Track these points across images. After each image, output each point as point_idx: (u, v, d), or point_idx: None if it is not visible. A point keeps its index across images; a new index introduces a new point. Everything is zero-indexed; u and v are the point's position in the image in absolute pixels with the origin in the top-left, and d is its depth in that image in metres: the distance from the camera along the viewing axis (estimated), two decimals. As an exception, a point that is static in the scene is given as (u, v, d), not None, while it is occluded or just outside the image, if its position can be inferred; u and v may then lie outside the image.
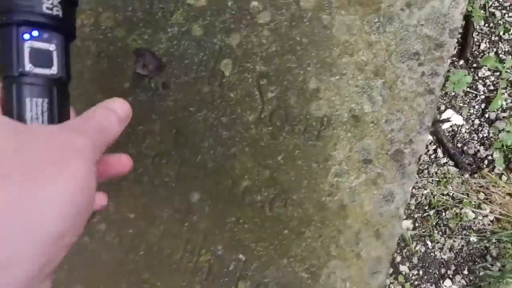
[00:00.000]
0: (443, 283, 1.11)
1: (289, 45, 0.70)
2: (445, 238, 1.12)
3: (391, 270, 1.11)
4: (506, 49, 1.13)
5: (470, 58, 1.13)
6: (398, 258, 1.11)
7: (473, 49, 1.14)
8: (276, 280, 0.64)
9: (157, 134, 0.71)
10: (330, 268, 0.63)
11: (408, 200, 0.73)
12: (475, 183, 1.11)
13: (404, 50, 0.66)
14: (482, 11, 1.14)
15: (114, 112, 0.35)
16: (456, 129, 1.14)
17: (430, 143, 1.16)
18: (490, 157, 1.12)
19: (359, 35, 0.68)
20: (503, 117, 1.12)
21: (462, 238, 1.11)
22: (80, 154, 0.29)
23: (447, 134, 1.13)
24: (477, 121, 1.13)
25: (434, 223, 1.12)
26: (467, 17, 1.09)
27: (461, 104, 1.14)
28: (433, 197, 1.12)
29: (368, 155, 0.65)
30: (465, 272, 1.11)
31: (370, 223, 0.64)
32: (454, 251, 1.11)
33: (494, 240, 1.10)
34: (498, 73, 1.13)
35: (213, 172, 0.68)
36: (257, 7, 0.71)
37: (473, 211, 1.11)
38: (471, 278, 1.10)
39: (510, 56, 1.12)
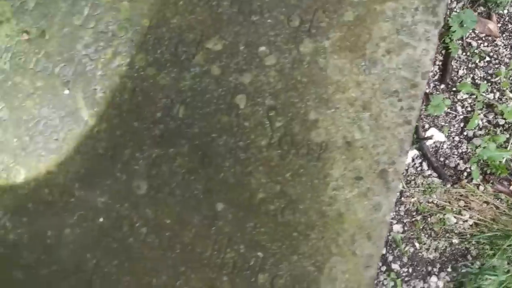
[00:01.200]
0: (430, 279, 1.26)
1: (292, 83, 0.86)
2: (430, 240, 1.28)
3: (385, 268, 1.27)
4: (481, 75, 1.29)
5: (449, 83, 1.29)
6: (390, 258, 1.27)
7: (452, 75, 1.31)
8: (289, 272, 0.80)
9: (186, 155, 0.87)
10: (331, 263, 0.79)
11: (393, 209, 0.88)
12: (456, 192, 1.27)
13: (386, 89, 0.82)
14: (459, 41, 1.30)
15: None
16: (438, 145, 1.30)
17: (416, 157, 1.31)
18: (468, 170, 1.28)
19: (349, 75, 0.84)
20: (480, 134, 1.28)
21: (445, 240, 1.26)
22: None
23: (431, 150, 1.30)
24: (457, 138, 1.29)
25: (421, 227, 1.28)
26: (446, 48, 1.26)
27: (442, 123, 1.30)
28: (420, 204, 1.28)
29: (359, 173, 0.81)
30: (449, 269, 1.27)
31: (363, 227, 0.79)
32: (439, 251, 1.27)
33: (473, 242, 1.25)
34: (474, 96, 1.29)
35: (234, 187, 0.84)
36: (264, 51, 0.87)
37: (454, 217, 1.27)
38: (454, 275, 1.26)
39: (485, 81, 1.29)
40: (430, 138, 1.28)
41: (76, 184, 0.89)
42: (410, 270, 1.27)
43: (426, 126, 1.31)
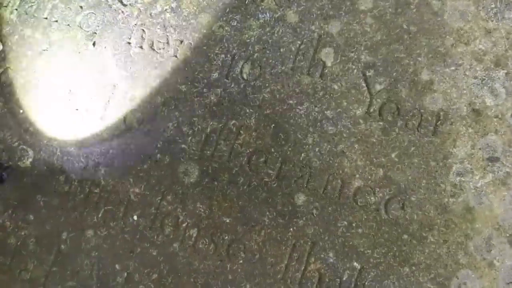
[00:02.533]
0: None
1: (396, 33, 0.65)
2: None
3: None
4: None
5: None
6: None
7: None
8: (399, 292, 0.57)
9: (253, 129, 0.65)
10: (459, 278, 0.57)
11: None
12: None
13: (529, 38, 0.61)
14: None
15: None
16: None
17: None
18: None
19: (474, 21, 0.63)
20: None
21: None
22: None
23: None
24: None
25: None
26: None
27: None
28: None
29: (494, 153, 0.59)
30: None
31: (503, 227, 0.57)
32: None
33: None
34: None
35: (320, 172, 0.62)
36: (357, -7, 0.66)
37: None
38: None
39: None
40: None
41: (102, 169, 0.67)
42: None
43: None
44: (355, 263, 0.60)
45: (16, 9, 0.73)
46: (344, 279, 0.60)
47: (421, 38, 0.65)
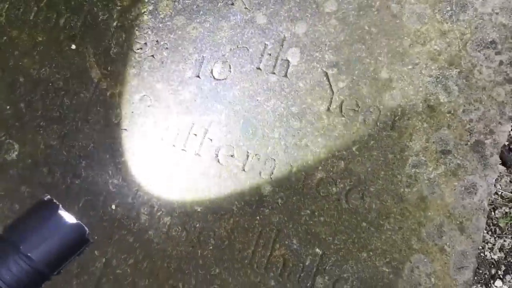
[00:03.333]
0: (493, 283, 1.07)
1: (358, 34, 0.69)
2: (495, 237, 1.10)
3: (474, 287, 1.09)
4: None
5: None
6: (447, 259, 1.08)
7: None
8: (356, 274, 0.61)
9: (223, 124, 0.69)
10: (413, 262, 0.61)
11: (492, 192, 0.71)
12: (524, 181, 1.09)
13: (480, 39, 0.65)
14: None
15: None
16: (502, 127, 1.12)
17: (477, 141, 1.14)
18: (538, 155, 1.10)
19: (430, 23, 0.67)
20: (549, 114, 1.10)
21: (512, 238, 1.08)
22: None
23: (493, 132, 1.12)
24: (523, 119, 1.12)
25: (483, 223, 1.09)
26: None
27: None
28: (481, 196, 1.09)
29: (446, 146, 0.63)
30: (517, 273, 1.08)
31: (453, 215, 0.62)
32: (505, 251, 1.08)
33: (545, 240, 1.07)
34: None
35: (285, 164, 0.66)
36: (323, -3, 0.71)
37: (523, 210, 1.08)
38: (523, 279, 1.07)
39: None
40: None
41: (83, 162, 0.72)
42: (471, 273, 1.08)
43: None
44: (317, 249, 0.64)
45: (5, 12, 0.78)
46: (306, 264, 0.64)
47: (381, 38, 0.69)
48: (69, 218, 0.39)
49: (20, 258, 0.37)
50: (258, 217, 0.65)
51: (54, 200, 0.39)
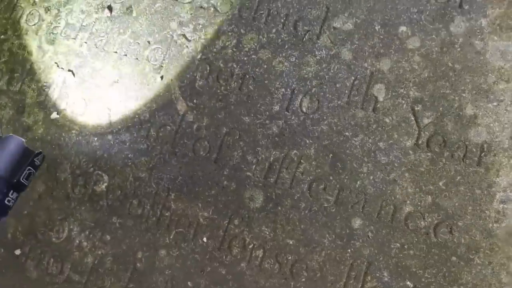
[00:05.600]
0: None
1: (442, 70, 0.71)
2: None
3: None
4: None
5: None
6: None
7: None
8: (449, 308, 0.64)
9: (313, 159, 0.71)
10: (503, 296, 0.63)
11: None
12: None
13: None
14: None
15: None
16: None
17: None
18: None
19: (514, 61, 0.69)
20: None
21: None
22: None
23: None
24: None
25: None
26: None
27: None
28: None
29: (533, 181, 0.66)
30: None
31: (542, 250, 0.64)
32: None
33: None
34: None
35: (374, 198, 0.68)
36: (405, 32, 0.72)
37: None
38: None
39: None
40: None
41: (172, 195, 0.73)
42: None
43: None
44: (408, 282, 0.66)
45: (86, 42, 0.79)
46: (398, 296, 0.66)
47: (465, 75, 0.70)
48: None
49: None
50: (349, 250, 0.67)
51: None
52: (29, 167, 0.51)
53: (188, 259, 0.70)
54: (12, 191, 0.48)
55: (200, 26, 0.75)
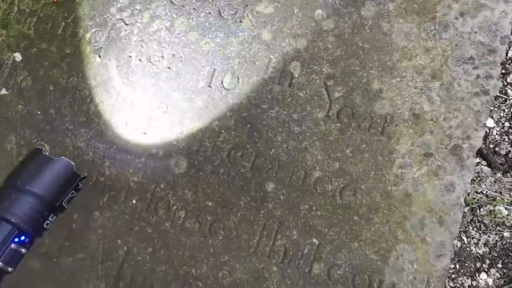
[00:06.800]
0: (478, 276, 1.16)
1: (353, 50, 0.77)
2: (480, 233, 1.18)
3: (449, 272, 1.17)
4: (533, 56, 1.21)
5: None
6: (436, 253, 1.17)
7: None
8: (348, 262, 0.70)
9: (232, 129, 0.78)
10: (398, 251, 0.69)
11: (468, 190, 0.80)
12: (507, 181, 1.17)
13: (460, 55, 0.73)
14: (509, 22, 1.22)
15: None
16: (487, 131, 1.21)
17: (464, 144, 1.22)
18: (520, 157, 1.18)
19: (416, 41, 0.76)
20: (532, 120, 1.19)
21: (496, 234, 1.16)
22: None
23: (479, 136, 1.20)
24: (507, 124, 1.20)
25: (469, 220, 1.18)
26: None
27: (491, 108, 1.21)
28: (468, 195, 1.18)
29: (429, 149, 0.72)
30: (499, 265, 1.17)
31: (434, 210, 0.70)
32: (489, 246, 1.16)
33: (526, 236, 1.15)
34: (525, 79, 1.20)
35: (287, 164, 0.75)
36: (321, 14, 0.79)
37: (506, 208, 1.17)
38: (504, 271, 1.16)
39: (536, 63, 1.20)
40: (479, 123, 1.19)
41: (107, 162, 0.80)
42: (458, 266, 1.17)
43: (474, 111, 1.22)
44: (314, 240, 0.72)
45: (33, 25, 0.86)
46: (305, 252, 0.72)
47: (373, 54, 0.77)
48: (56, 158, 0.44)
49: (20, 192, 0.42)
50: (262, 211, 0.74)
51: (38, 147, 0.44)
52: (72, 191, 0.47)
53: (119, 219, 0.77)
54: (52, 214, 0.44)
55: (137, 11, 0.83)
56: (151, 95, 0.80)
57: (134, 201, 0.78)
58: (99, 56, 0.83)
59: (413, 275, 0.70)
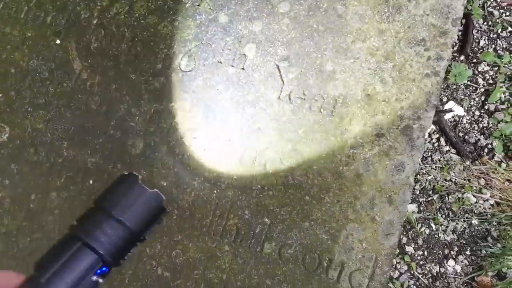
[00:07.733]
0: (446, 263, 1.17)
1: (307, 32, 0.78)
2: (448, 220, 1.19)
3: (398, 250, 1.17)
4: (504, 46, 1.21)
5: (470, 54, 1.21)
6: (404, 240, 1.18)
7: (473, 46, 1.22)
8: (299, 241, 0.71)
9: (188, 110, 0.79)
10: (347, 230, 0.70)
11: (417, 170, 0.80)
12: (476, 169, 1.18)
13: (412, 37, 0.74)
14: (481, 10, 1.23)
15: None
16: (457, 119, 1.21)
17: (433, 132, 1.23)
18: (490, 146, 1.19)
19: (370, 23, 0.76)
20: (502, 108, 1.19)
21: (464, 221, 1.17)
22: None
23: (449, 124, 1.21)
24: (477, 112, 1.21)
25: (437, 207, 1.18)
26: (467, 15, 1.18)
27: (462, 96, 1.22)
28: (437, 183, 1.19)
29: (380, 130, 0.73)
30: (468, 252, 1.18)
31: (384, 190, 0.71)
32: (457, 233, 1.17)
33: (494, 223, 1.16)
34: (496, 68, 1.21)
35: (239, 145, 0.76)
36: (278, -1, 0.79)
37: (474, 196, 1.17)
38: (473, 258, 1.16)
39: (507, 52, 1.20)
40: (448, 111, 1.20)
41: (65, 143, 0.81)
42: (426, 253, 1.18)
43: (444, 99, 1.23)
44: (265, 219, 0.73)
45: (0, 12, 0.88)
46: (256, 231, 0.73)
47: (327, 36, 0.78)
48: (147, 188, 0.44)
49: (113, 222, 0.42)
50: (215, 191, 0.75)
51: (134, 173, 0.43)
52: (156, 225, 0.46)
53: (76, 200, 0.78)
54: (134, 247, 0.43)
55: (96, -6, 0.84)
56: (110, 77, 0.81)
57: (91, 181, 0.78)
58: (59, 39, 0.84)
59: (361, 254, 0.70)
